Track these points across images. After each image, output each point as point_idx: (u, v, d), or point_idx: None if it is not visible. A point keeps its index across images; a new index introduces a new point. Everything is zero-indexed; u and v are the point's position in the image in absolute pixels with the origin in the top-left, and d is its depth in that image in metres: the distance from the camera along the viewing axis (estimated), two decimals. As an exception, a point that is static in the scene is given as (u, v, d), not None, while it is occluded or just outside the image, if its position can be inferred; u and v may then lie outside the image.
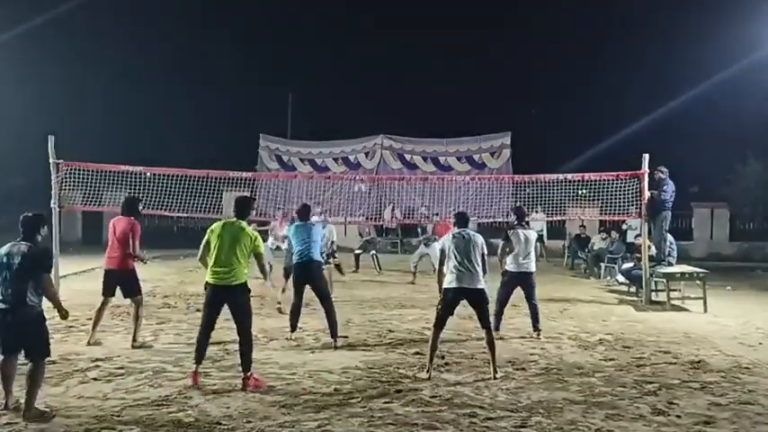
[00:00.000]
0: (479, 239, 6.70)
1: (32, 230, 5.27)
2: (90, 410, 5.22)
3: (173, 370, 6.47)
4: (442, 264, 6.72)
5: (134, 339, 7.42)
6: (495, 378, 6.23)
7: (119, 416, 5.11)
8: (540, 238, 18.06)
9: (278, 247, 14.30)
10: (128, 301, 7.75)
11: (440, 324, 6.55)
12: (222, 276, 5.96)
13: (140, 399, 5.53)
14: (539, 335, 8.22)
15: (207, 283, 6.08)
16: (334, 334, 7.57)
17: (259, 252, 6.13)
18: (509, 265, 8.37)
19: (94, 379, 6.11)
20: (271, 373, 6.38)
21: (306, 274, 7.69)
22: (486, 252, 6.68)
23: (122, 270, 7.48)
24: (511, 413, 5.31)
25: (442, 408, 5.41)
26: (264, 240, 13.06)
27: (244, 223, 6.15)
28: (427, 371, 6.33)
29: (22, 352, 5.19)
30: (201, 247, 6.18)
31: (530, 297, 8.38)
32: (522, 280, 8.34)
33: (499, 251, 8.52)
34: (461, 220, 6.98)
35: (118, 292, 7.59)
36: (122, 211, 7.72)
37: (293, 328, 7.81)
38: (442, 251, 6.74)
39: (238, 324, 6.01)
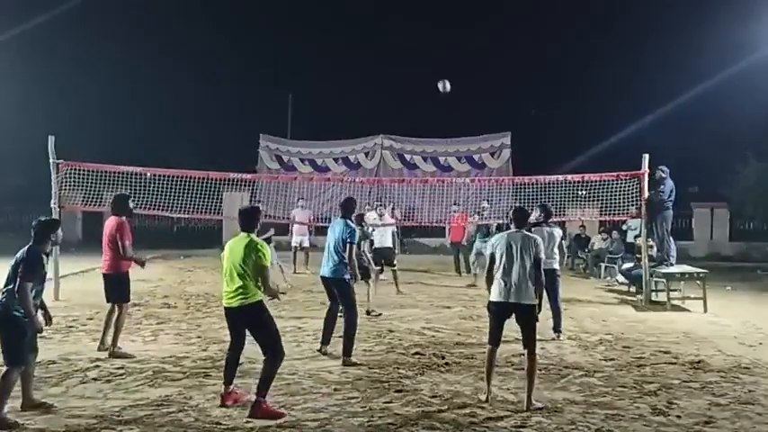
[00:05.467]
0: (535, 241, 5.83)
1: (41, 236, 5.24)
2: (90, 410, 5.23)
3: (173, 370, 6.47)
4: (490, 269, 5.88)
5: (113, 344, 6.96)
6: (528, 410, 5.38)
7: (119, 416, 5.12)
8: None
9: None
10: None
11: (493, 340, 5.80)
12: (230, 297, 5.41)
13: (140, 399, 5.54)
14: (558, 336, 8.14)
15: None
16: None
17: (261, 265, 5.31)
18: None
19: (94, 379, 6.11)
20: (271, 373, 6.38)
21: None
22: (541, 257, 5.81)
23: (113, 274, 7.08)
24: (511, 413, 5.32)
25: (442, 408, 5.41)
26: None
27: (252, 235, 5.46)
28: (485, 392, 5.67)
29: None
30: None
31: (552, 297, 8.23)
32: (546, 277, 8.19)
33: None
34: (520, 217, 6.01)
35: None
36: (111, 210, 7.28)
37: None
38: (492, 255, 5.85)
39: (260, 345, 5.41)
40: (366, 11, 35.76)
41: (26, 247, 5.17)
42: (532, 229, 8.09)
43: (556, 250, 8.34)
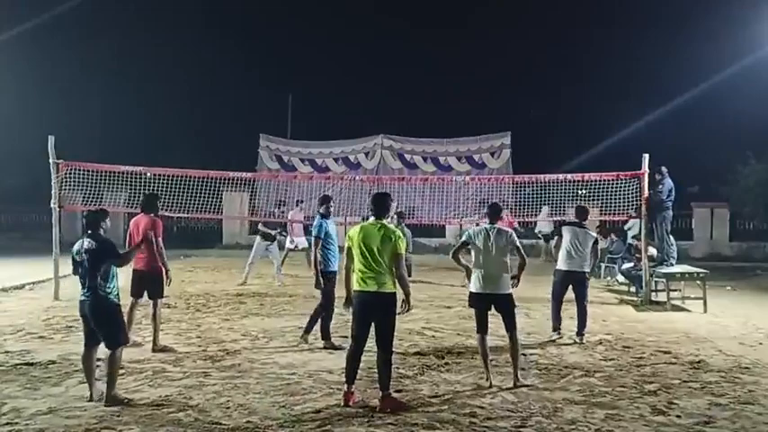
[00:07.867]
0: (508, 235, 6.29)
1: (95, 226, 5.59)
2: (90, 410, 5.23)
3: (173, 370, 6.47)
4: (457, 250, 6.43)
5: (154, 343, 7.25)
6: (516, 386, 5.98)
7: (119, 416, 5.11)
8: (545, 238, 18.06)
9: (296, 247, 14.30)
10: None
11: (481, 328, 6.21)
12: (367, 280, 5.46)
13: (140, 399, 5.53)
14: (581, 339, 8.00)
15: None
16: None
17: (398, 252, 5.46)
18: (560, 263, 8.22)
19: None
20: (271, 373, 6.39)
21: None
22: (519, 246, 6.31)
23: (151, 271, 7.36)
24: (511, 413, 5.32)
25: (442, 408, 5.41)
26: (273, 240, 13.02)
27: (385, 222, 5.57)
28: (487, 378, 6.11)
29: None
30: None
31: (580, 299, 8.20)
32: (574, 279, 8.15)
33: (554, 246, 8.80)
34: (494, 212, 6.45)
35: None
36: (142, 208, 7.64)
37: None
38: (465, 241, 6.39)
39: (379, 337, 5.47)
40: (366, 11, 35.79)
41: (90, 240, 5.47)
42: (562, 227, 8.35)
43: (588, 251, 8.16)
